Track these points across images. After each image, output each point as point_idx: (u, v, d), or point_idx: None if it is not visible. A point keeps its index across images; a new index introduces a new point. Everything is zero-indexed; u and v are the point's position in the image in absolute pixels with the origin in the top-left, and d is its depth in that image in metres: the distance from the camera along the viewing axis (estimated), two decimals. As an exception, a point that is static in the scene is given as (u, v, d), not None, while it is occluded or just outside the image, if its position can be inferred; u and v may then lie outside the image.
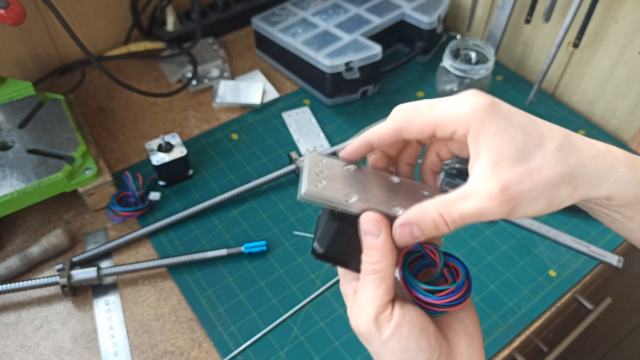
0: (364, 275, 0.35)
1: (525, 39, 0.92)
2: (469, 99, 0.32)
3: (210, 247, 0.70)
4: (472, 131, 0.31)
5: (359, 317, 0.34)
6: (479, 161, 0.31)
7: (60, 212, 0.73)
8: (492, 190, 0.30)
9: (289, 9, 0.93)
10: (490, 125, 0.31)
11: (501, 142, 0.31)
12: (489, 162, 0.31)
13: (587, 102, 0.88)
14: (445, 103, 0.33)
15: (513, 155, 0.31)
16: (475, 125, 0.31)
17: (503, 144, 0.31)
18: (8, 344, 0.61)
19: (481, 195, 0.31)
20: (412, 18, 0.92)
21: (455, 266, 0.36)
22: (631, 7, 0.75)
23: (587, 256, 0.70)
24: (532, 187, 0.30)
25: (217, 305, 0.64)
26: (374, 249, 0.34)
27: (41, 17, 0.84)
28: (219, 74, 0.92)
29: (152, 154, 0.73)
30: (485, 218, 0.31)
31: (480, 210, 0.31)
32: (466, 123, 0.32)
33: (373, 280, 0.34)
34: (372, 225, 0.34)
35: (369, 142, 0.36)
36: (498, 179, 0.30)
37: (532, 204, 0.31)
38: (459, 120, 0.32)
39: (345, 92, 0.87)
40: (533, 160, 0.31)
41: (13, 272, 0.65)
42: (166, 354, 0.60)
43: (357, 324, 0.35)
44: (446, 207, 0.32)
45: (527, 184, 0.30)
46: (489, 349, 0.61)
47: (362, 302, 0.35)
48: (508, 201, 0.30)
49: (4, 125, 0.72)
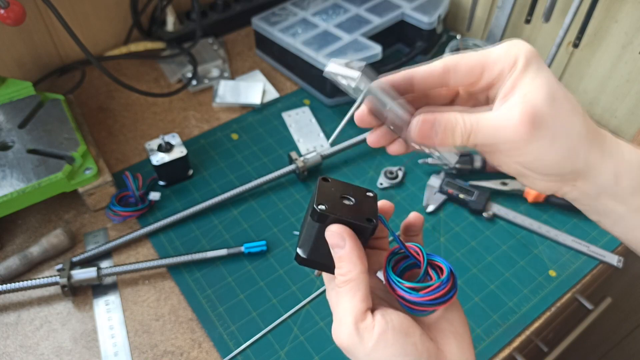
0: (338, 288, 0.34)
1: (525, 39, 0.92)
2: (518, 43, 0.33)
3: (210, 247, 0.70)
4: (517, 70, 0.32)
5: (340, 331, 0.34)
6: (514, 95, 0.32)
7: (60, 212, 0.73)
8: (517, 108, 0.31)
9: (289, 9, 0.93)
10: (533, 67, 0.32)
11: (540, 82, 0.31)
12: (523, 93, 0.31)
13: (587, 102, 0.88)
14: (495, 47, 0.34)
15: (547, 93, 0.31)
16: (522, 64, 0.32)
17: (542, 84, 0.31)
18: (8, 344, 0.61)
19: (505, 111, 0.31)
20: (412, 18, 0.92)
21: (439, 264, 0.36)
22: (631, 7, 0.75)
23: (587, 256, 0.70)
24: (556, 120, 0.31)
25: (217, 305, 0.64)
26: (342, 260, 0.34)
27: (41, 17, 0.84)
28: (219, 74, 0.92)
29: (152, 154, 0.73)
30: (502, 134, 0.31)
31: (499, 121, 0.31)
32: (514, 62, 0.32)
33: (347, 291, 0.34)
34: (336, 237, 0.34)
35: (412, 78, 0.35)
36: (526, 103, 0.31)
37: (551, 141, 0.31)
38: (509, 59, 0.32)
39: (345, 92, 0.87)
40: (563, 104, 0.31)
41: (13, 272, 0.65)
42: (166, 354, 0.60)
43: (339, 338, 0.34)
44: (466, 113, 0.32)
45: (553, 114, 0.31)
46: (489, 349, 0.61)
47: (340, 314, 0.34)
48: (530, 121, 0.30)
49: (4, 125, 0.72)
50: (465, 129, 0.32)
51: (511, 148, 0.32)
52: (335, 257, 0.35)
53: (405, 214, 0.73)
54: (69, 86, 0.88)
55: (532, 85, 0.31)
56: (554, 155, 0.32)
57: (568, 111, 0.32)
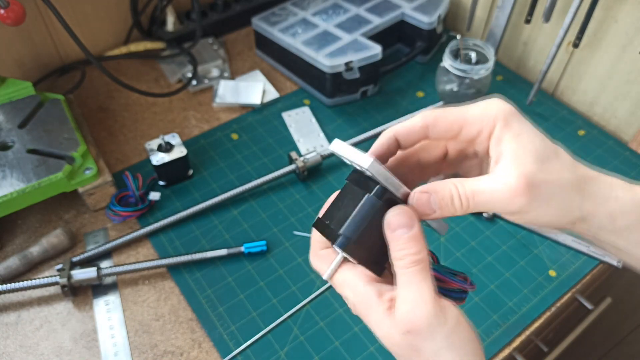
0: (405, 270, 0.33)
1: (525, 39, 0.92)
2: (495, 102, 0.34)
3: (210, 247, 0.70)
4: (498, 130, 0.33)
5: (416, 312, 0.32)
6: (502, 157, 0.33)
7: (60, 212, 0.73)
8: (511, 176, 0.32)
9: (289, 9, 0.93)
10: (514, 126, 0.33)
11: (524, 141, 0.32)
12: (511, 156, 0.32)
13: (587, 102, 0.88)
14: (473, 105, 0.34)
15: (534, 154, 0.32)
16: (500, 125, 0.33)
17: (526, 144, 0.32)
18: (8, 344, 0.61)
19: (499, 180, 0.32)
20: (412, 18, 0.92)
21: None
22: (631, 7, 0.75)
23: (587, 256, 0.70)
24: (549, 183, 0.32)
25: (217, 305, 0.64)
26: (413, 240, 0.33)
27: (41, 17, 0.84)
28: (219, 74, 0.93)
29: (152, 154, 0.73)
30: (499, 204, 0.32)
31: (495, 194, 0.32)
32: (492, 122, 0.33)
33: (420, 271, 0.33)
34: (406, 217, 0.33)
35: (396, 137, 0.36)
36: (518, 169, 0.32)
37: (547, 203, 0.32)
38: (486, 119, 0.33)
39: (345, 92, 0.87)
40: (551, 162, 0.32)
41: (13, 272, 0.65)
42: (166, 354, 0.60)
43: (415, 320, 0.32)
44: (462, 183, 0.33)
45: (546, 178, 0.32)
46: (489, 349, 0.61)
47: (414, 295, 0.32)
48: (525, 191, 0.31)
49: (4, 125, 0.72)
50: (463, 199, 0.33)
51: (509, 212, 0.33)
52: (402, 237, 0.33)
53: (405, 214, 0.73)
54: (69, 86, 0.88)
55: (519, 148, 0.32)
56: (551, 214, 0.33)
57: (557, 168, 0.33)
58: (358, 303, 0.34)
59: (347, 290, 0.35)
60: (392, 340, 0.33)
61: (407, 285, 0.33)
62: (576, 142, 0.83)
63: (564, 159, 0.33)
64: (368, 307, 0.34)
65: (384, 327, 0.33)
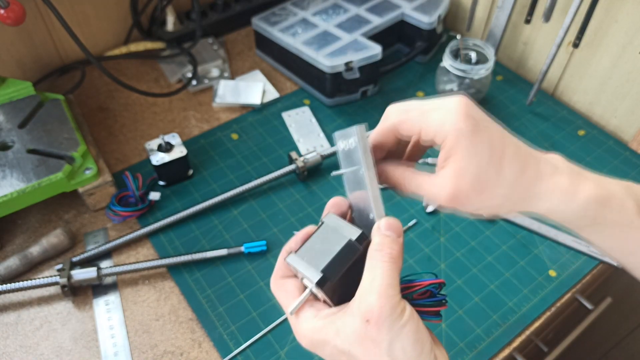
0: (379, 259, 0.35)
1: (525, 39, 0.92)
2: (451, 117, 0.36)
3: (210, 247, 0.70)
4: (448, 144, 0.36)
5: (370, 297, 0.33)
6: (446, 168, 0.37)
7: (60, 212, 0.73)
8: (445, 187, 0.36)
9: (289, 9, 0.93)
10: (462, 146, 0.35)
11: (466, 163, 0.36)
12: (451, 173, 0.36)
13: (587, 102, 0.88)
14: (433, 111, 0.37)
15: (471, 178, 0.36)
16: (451, 142, 0.36)
17: (467, 166, 0.36)
18: (8, 344, 0.61)
19: (437, 185, 0.37)
20: (412, 18, 0.92)
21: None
22: (631, 7, 0.75)
23: (587, 256, 0.70)
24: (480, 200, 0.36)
25: (217, 305, 0.64)
26: (397, 245, 0.36)
27: (41, 17, 0.84)
28: (219, 74, 0.93)
29: (152, 154, 0.73)
30: (436, 203, 0.38)
31: (432, 195, 0.38)
32: (444, 136, 0.36)
33: (390, 264, 0.35)
34: (400, 228, 0.37)
35: (374, 142, 0.40)
36: (453, 186, 0.36)
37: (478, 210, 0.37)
38: (438, 137, 0.36)
39: (345, 92, 0.87)
40: (487, 187, 0.36)
41: (13, 272, 0.65)
42: (166, 354, 0.60)
43: (367, 304, 0.33)
44: (413, 177, 0.39)
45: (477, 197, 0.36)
46: (489, 349, 0.61)
47: (374, 281, 0.34)
48: (455, 203, 0.37)
49: (4, 125, 0.72)
50: (411, 189, 0.39)
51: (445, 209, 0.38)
52: (390, 237, 0.36)
53: (405, 214, 0.74)
54: (69, 86, 0.88)
55: (460, 169, 0.36)
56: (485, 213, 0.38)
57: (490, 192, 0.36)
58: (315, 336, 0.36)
59: (304, 325, 0.37)
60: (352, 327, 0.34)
61: (372, 269, 0.35)
62: (576, 142, 0.84)
63: (504, 177, 0.36)
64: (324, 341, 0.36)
65: (347, 326, 0.34)
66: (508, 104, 0.90)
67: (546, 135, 0.84)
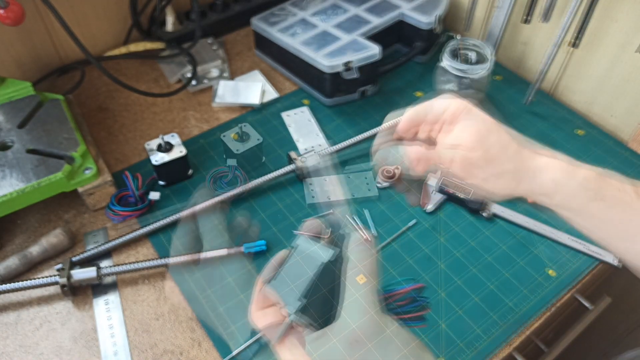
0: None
1: (524, 39, 0.92)
2: (453, 100, 0.45)
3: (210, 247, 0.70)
4: (450, 117, 0.45)
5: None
6: (453, 131, 0.45)
7: (60, 212, 0.73)
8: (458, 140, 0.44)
9: (288, 9, 0.93)
10: (463, 115, 0.44)
11: (468, 132, 0.44)
12: (459, 129, 0.44)
13: (585, 102, 0.88)
14: (438, 100, 0.47)
15: (471, 143, 0.43)
16: (452, 113, 0.45)
17: (469, 134, 0.44)
18: (8, 344, 0.61)
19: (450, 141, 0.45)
20: (411, 18, 0.92)
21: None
22: (630, 7, 0.75)
23: (586, 255, 0.70)
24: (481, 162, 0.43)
25: (217, 305, 0.64)
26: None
27: (40, 18, 0.84)
28: (219, 74, 0.93)
29: (152, 153, 0.73)
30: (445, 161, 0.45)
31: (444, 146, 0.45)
32: (442, 118, 0.45)
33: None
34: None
35: (402, 128, 0.48)
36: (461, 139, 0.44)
37: (483, 180, 0.44)
38: (446, 110, 0.45)
39: (344, 92, 0.87)
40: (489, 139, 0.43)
41: (13, 272, 0.65)
42: (166, 353, 0.60)
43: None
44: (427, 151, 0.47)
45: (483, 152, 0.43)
46: (488, 348, 0.61)
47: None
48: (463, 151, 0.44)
49: (4, 125, 0.72)
50: (428, 155, 0.47)
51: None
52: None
53: (404, 214, 0.74)
54: (68, 86, 0.88)
55: (464, 120, 0.44)
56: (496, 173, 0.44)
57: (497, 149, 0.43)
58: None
59: (290, 354, 0.37)
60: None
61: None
62: (575, 141, 0.84)
63: (501, 144, 0.43)
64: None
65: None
66: (507, 104, 0.90)
67: (545, 135, 0.85)
